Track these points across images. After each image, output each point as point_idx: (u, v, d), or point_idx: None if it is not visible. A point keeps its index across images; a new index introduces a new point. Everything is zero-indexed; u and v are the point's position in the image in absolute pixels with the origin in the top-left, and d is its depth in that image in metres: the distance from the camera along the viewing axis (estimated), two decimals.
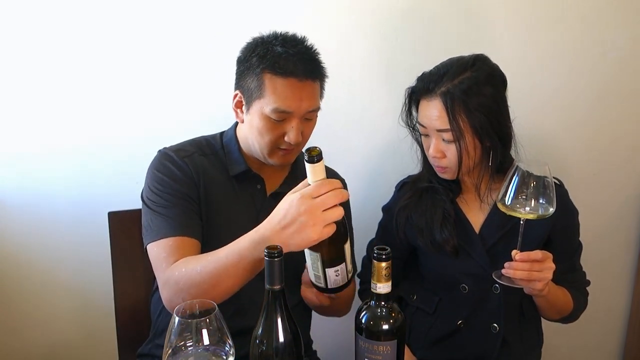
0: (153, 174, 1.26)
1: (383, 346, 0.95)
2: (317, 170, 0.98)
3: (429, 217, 1.34)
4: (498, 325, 1.34)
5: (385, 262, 0.92)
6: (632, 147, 1.76)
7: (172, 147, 1.30)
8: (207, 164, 1.29)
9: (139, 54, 1.60)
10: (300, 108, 1.20)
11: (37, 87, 1.61)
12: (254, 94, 1.21)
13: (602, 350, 1.97)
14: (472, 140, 1.25)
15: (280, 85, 1.18)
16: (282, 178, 1.33)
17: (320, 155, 0.97)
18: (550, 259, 1.16)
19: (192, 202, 1.24)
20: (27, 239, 1.74)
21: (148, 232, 1.21)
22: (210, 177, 1.27)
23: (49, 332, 1.82)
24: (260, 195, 1.31)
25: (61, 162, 1.67)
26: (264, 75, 1.19)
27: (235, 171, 1.29)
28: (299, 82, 1.19)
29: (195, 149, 1.30)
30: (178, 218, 1.20)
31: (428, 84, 1.26)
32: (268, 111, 1.19)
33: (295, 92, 1.19)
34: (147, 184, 1.27)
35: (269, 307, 0.94)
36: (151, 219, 1.22)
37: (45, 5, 1.55)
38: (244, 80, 1.23)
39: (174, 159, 1.26)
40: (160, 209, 1.21)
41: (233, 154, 1.30)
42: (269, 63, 1.18)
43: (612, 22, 1.63)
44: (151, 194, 1.24)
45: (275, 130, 1.21)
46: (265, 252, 0.91)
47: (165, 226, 1.19)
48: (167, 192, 1.23)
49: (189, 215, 1.22)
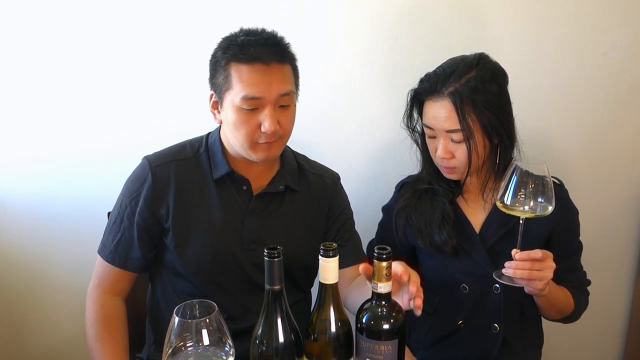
0: (125, 184, 1.30)
1: (384, 345, 0.95)
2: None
3: (428, 219, 1.34)
4: (498, 325, 1.34)
5: (385, 262, 0.92)
6: (632, 147, 1.76)
7: (152, 156, 1.29)
8: (184, 169, 1.27)
9: (140, 57, 1.61)
10: (271, 92, 1.16)
11: (37, 92, 1.62)
12: (223, 88, 1.19)
13: (602, 350, 1.97)
14: (482, 139, 1.25)
15: (246, 72, 1.16)
16: (269, 178, 1.30)
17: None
18: (550, 258, 1.16)
19: (142, 228, 1.25)
20: (27, 240, 1.74)
21: (103, 237, 1.30)
22: (186, 182, 1.26)
23: (49, 333, 1.82)
24: (246, 197, 1.28)
25: (61, 164, 1.68)
26: (230, 66, 1.17)
27: (217, 174, 1.26)
28: (265, 65, 1.16)
29: (172, 157, 1.28)
30: (121, 247, 1.27)
31: (435, 85, 1.26)
32: (238, 101, 1.16)
33: (262, 76, 1.16)
34: (122, 188, 1.30)
35: (269, 307, 0.94)
36: (109, 228, 1.29)
37: (47, 6, 1.55)
38: (214, 78, 1.22)
39: (146, 171, 1.26)
40: (115, 226, 1.27)
41: (216, 156, 1.28)
42: (233, 52, 1.17)
43: (612, 22, 1.63)
44: (116, 205, 1.29)
45: (250, 122, 1.17)
46: (265, 252, 0.91)
47: (109, 249, 1.27)
48: (126, 213, 1.26)
49: (133, 246, 1.26)
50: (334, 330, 0.95)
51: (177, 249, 1.25)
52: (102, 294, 1.28)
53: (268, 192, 1.29)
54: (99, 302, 1.27)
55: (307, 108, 1.67)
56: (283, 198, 1.31)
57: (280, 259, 0.91)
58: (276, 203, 1.30)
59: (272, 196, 1.30)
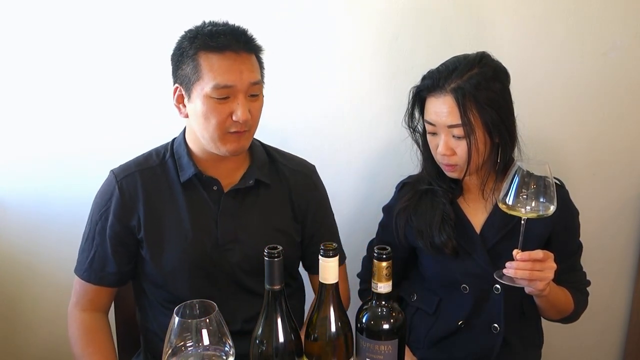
0: (94, 200, 1.28)
1: (384, 345, 0.95)
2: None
3: (428, 220, 1.34)
4: (498, 325, 1.33)
5: (385, 262, 0.92)
6: (632, 147, 1.76)
7: (117, 169, 1.28)
8: (150, 178, 1.25)
9: (140, 58, 1.61)
10: (242, 80, 1.15)
11: (37, 93, 1.62)
12: (191, 79, 1.16)
13: (602, 350, 1.97)
14: (483, 136, 1.25)
15: (217, 60, 1.14)
16: (239, 176, 1.27)
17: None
18: (551, 259, 1.16)
19: (116, 242, 1.24)
20: (27, 241, 1.74)
21: (78, 256, 1.29)
22: (154, 190, 1.24)
23: (48, 332, 1.82)
24: (217, 197, 1.25)
25: (61, 164, 1.68)
26: (199, 55, 1.15)
27: (185, 177, 1.23)
28: (236, 54, 1.15)
29: (137, 167, 1.26)
30: (97, 266, 1.25)
31: (437, 81, 1.26)
32: (209, 90, 1.14)
33: (233, 65, 1.14)
34: (91, 206, 1.29)
35: (269, 307, 0.94)
36: (82, 247, 1.29)
37: (47, 6, 1.55)
38: (180, 70, 1.18)
39: (112, 185, 1.25)
40: (88, 245, 1.27)
41: (182, 159, 1.25)
42: (201, 42, 1.15)
43: (612, 22, 1.63)
44: (87, 222, 1.29)
45: (221, 111, 1.15)
46: (265, 252, 0.91)
47: (85, 269, 1.26)
48: (97, 229, 1.25)
49: (108, 261, 1.25)
50: (333, 330, 0.95)
51: (153, 260, 1.23)
52: (80, 312, 1.27)
53: (239, 189, 1.26)
54: (78, 319, 1.26)
55: (307, 108, 1.68)
56: (257, 193, 1.28)
57: (281, 259, 0.91)
58: (250, 200, 1.28)
59: (245, 193, 1.27)
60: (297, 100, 1.66)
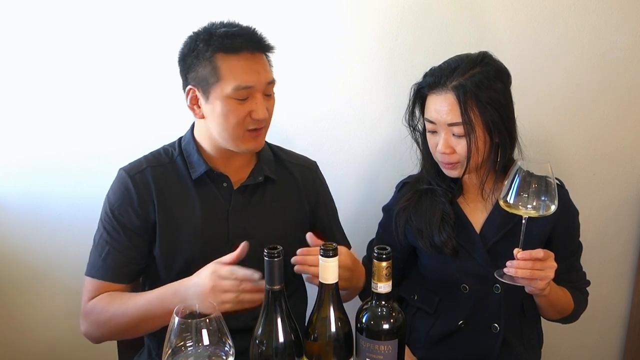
0: (106, 198, 1.28)
1: (384, 345, 0.95)
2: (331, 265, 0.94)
3: (428, 219, 1.34)
4: (499, 325, 1.33)
5: (385, 262, 0.92)
6: (632, 147, 1.76)
7: (127, 166, 1.29)
8: (162, 175, 1.26)
9: (140, 58, 1.61)
10: (260, 80, 1.18)
11: (38, 94, 1.63)
12: (210, 80, 1.18)
13: (602, 350, 1.97)
14: (483, 135, 1.25)
15: (235, 62, 1.17)
16: (247, 172, 1.30)
17: (336, 250, 0.93)
18: (552, 258, 1.16)
19: (133, 235, 1.24)
20: (27, 241, 1.74)
21: (89, 259, 1.27)
22: (165, 186, 1.25)
23: (48, 332, 1.82)
24: (227, 193, 1.28)
25: (61, 165, 1.68)
26: (216, 57, 1.17)
27: (196, 174, 1.26)
28: (252, 55, 1.18)
29: (148, 163, 1.27)
30: (111, 262, 1.24)
31: (439, 78, 1.26)
32: (230, 91, 1.16)
33: (251, 66, 1.18)
34: (103, 205, 1.28)
35: (269, 307, 0.94)
36: (93, 249, 1.27)
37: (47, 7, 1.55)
38: (194, 72, 1.20)
39: (126, 180, 1.25)
40: (102, 243, 1.25)
41: (192, 157, 1.27)
42: (218, 44, 1.16)
43: (612, 22, 1.63)
44: (100, 222, 1.27)
45: (241, 111, 1.18)
46: (265, 253, 0.91)
47: (98, 267, 1.24)
48: (112, 225, 1.24)
49: (123, 257, 1.24)
50: (333, 330, 0.95)
51: (164, 256, 1.24)
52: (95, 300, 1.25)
53: (248, 185, 1.29)
54: (94, 301, 1.23)
55: (307, 108, 1.68)
56: (264, 190, 1.31)
57: (281, 259, 0.91)
58: (258, 196, 1.31)
59: (253, 189, 1.30)
60: (297, 100, 1.66)
